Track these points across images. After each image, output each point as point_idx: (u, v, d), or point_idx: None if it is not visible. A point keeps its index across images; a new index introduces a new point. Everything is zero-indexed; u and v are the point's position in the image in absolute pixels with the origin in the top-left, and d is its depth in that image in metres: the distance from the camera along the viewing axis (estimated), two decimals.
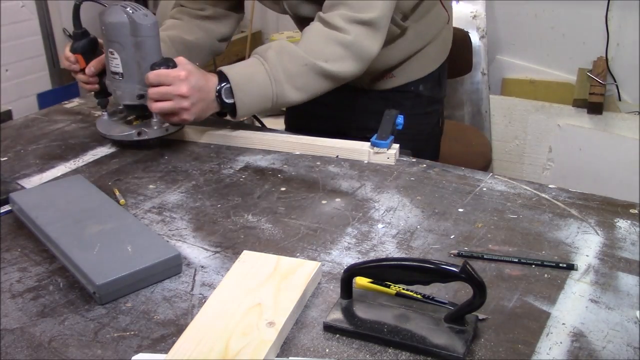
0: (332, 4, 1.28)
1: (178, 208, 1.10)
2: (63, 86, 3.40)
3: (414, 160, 1.26)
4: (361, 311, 0.82)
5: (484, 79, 2.77)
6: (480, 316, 0.81)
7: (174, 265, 0.92)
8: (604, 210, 1.07)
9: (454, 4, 2.76)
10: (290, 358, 0.76)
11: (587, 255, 0.95)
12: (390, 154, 1.24)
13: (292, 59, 1.24)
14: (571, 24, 2.73)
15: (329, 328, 0.80)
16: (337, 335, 0.80)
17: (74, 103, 1.60)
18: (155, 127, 1.31)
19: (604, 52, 2.68)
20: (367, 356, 0.77)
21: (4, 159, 1.29)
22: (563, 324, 0.81)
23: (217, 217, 1.07)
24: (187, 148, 1.33)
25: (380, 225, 1.03)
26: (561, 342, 0.78)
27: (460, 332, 0.78)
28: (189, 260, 0.95)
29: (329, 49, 1.25)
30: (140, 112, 1.34)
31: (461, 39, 2.51)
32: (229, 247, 0.99)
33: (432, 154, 1.62)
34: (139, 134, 1.30)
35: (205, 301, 0.84)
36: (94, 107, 1.56)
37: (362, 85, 1.50)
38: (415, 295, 0.85)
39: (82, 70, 1.35)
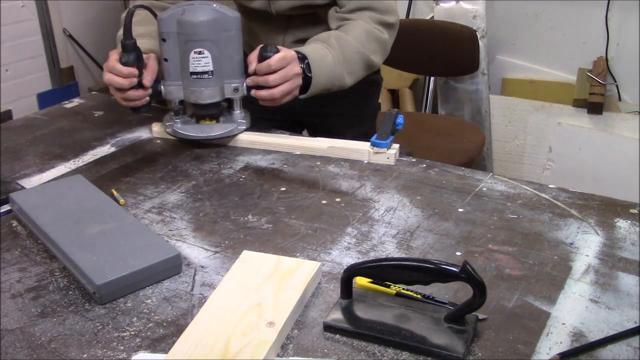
0: (357, 7, 1.38)
1: (178, 208, 1.10)
2: (63, 86, 3.40)
3: (414, 160, 1.26)
4: (361, 311, 0.82)
5: (484, 79, 2.77)
6: (480, 316, 0.81)
7: (174, 265, 0.92)
8: (604, 210, 1.07)
9: (454, 3, 2.76)
10: (290, 358, 0.76)
11: (587, 255, 0.95)
12: (390, 154, 1.24)
13: (348, 47, 1.34)
14: (571, 24, 2.73)
15: (329, 328, 0.80)
16: (337, 335, 0.80)
17: (74, 103, 1.60)
18: (244, 119, 1.34)
19: (604, 52, 2.68)
20: (367, 356, 0.77)
21: (4, 159, 1.29)
22: (563, 324, 0.81)
23: (217, 217, 1.07)
24: (187, 148, 1.33)
25: (380, 226, 1.03)
26: (561, 342, 0.78)
27: (460, 332, 0.78)
28: (189, 260, 0.95)
29: (370, 44, 1.37)
30: (214, 110, 1.33)
31: (468, 38, 2.51)
32: (229, 247, 0.99)
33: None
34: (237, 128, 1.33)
35: (205, 301, 0.84)
36: (94, 107, 1.56)
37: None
38: (415, 295, 0.85)
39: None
